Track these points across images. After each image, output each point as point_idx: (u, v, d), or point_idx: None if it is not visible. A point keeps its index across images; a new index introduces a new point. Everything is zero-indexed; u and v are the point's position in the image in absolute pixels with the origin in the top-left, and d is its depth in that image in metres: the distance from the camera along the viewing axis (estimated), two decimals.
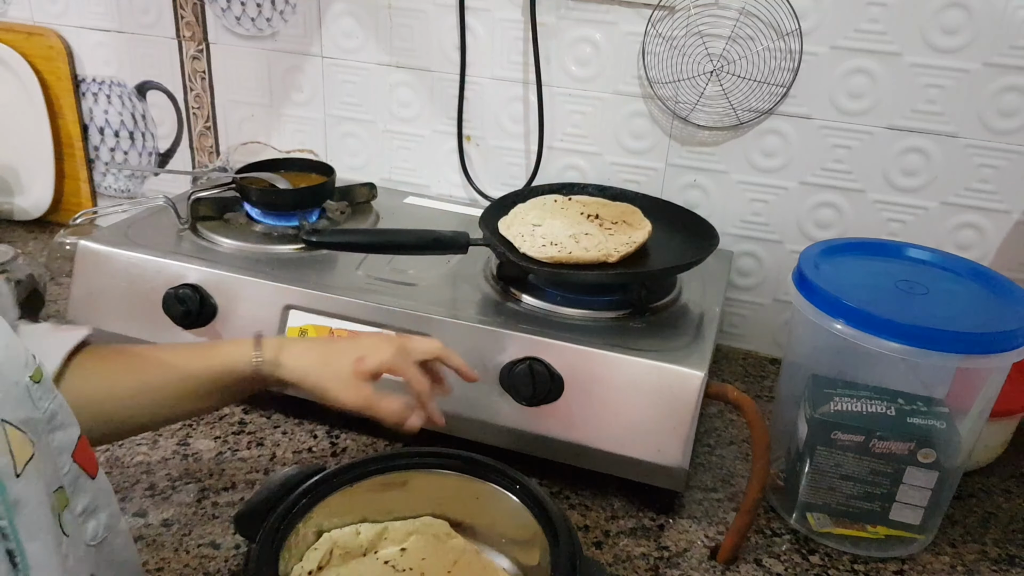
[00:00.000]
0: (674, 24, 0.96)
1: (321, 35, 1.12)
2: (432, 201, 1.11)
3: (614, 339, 0.76)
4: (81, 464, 0.46)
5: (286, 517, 0.59)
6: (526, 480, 0.64)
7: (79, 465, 0.46)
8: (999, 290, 0.75)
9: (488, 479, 0.65)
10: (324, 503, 0.62)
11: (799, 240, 1.02)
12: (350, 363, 0.64)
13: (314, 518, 0.62)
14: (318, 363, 0.65)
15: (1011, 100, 0.89)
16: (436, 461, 0.66)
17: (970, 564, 0.74)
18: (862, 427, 0.70)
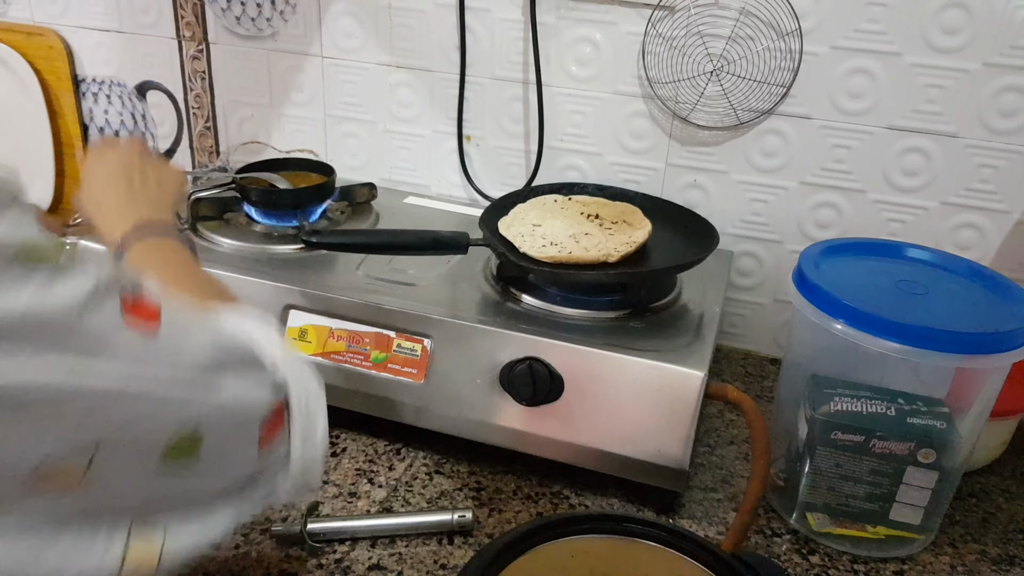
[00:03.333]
0: (674, 24, 0.96)
1: (321, 35, 1.12)
2: (432, 201, 1.11)
3: (614, 339, 0.76)
4: None
5: None
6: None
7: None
8: (999, 290, 0.75)
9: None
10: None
11: (799, 240, 1.02)
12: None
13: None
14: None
15: (1011, 100, 0.89)
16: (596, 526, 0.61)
17: (970, 564, 0.74)
18: (862, 427, 0.70)
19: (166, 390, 0.39)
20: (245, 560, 0.69)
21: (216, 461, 0.43)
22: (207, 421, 0.41)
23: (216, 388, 0.42)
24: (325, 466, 0.53)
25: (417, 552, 0.71)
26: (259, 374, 0.47)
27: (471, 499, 0.78)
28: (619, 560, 0.60)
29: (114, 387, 0.36)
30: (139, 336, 0.38)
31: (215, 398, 0.42)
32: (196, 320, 0.44)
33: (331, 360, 0.81)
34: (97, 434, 0.36)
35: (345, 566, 0.69)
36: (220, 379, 0.42)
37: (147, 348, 0.38)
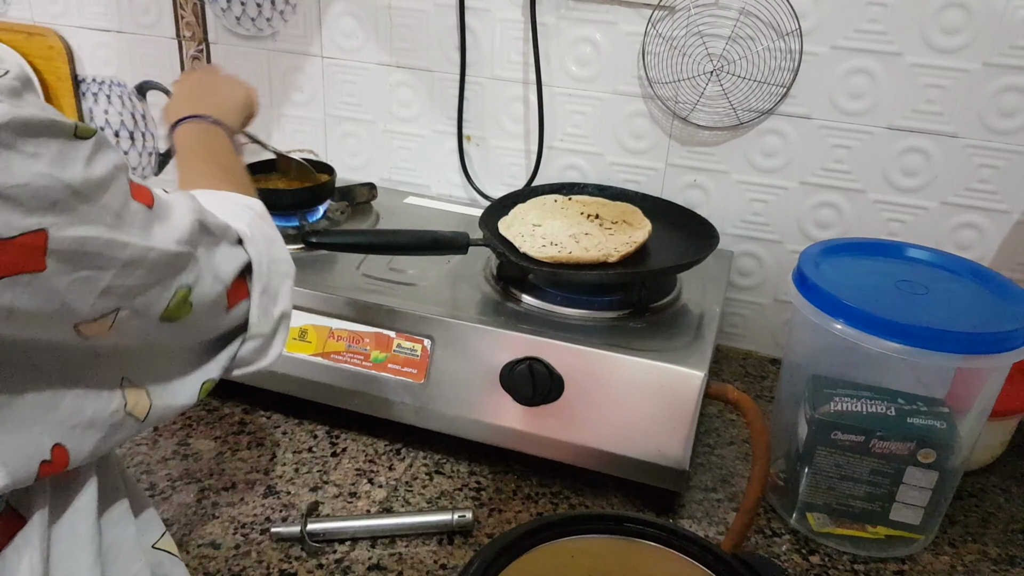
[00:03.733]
0: (674, 24, 0.96)
1: (321, 35, 1.12)
2: (432, 201, 1.11)
3: (614, 339, 0.76)
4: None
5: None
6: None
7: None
8: (999, 290, 0.75)
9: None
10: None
11: (799, 240, 1.02)
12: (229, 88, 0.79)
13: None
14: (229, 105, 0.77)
15: (1011, 100, 0.89)
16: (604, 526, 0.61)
17: (970, 564, 0.74)
18: (862, 427, 0.70)
19: (169, 260, 0.44)
20: (245, 560, 0.69)
21: (195, 323, 0.49)
22: (196, 287, 0.47)
23: (201, 257, 0.48)
24: (285, 338, 0.57)
25: (417, 552, 0.71)
26: (231, 246, 0.52)
27: (471, 499, 0.78)
28: (619, 560, 0.60)
29: (134, 256, 0.42)
30: (143, 209, 0.43)
31: (200, 267, 0.48)
32: (181, 199, 0.49)
33: (331, 360, 0.81)
34: (122, 299, 0.42)
35: (345, 566, 0.69)
36: (204, 249, 0.48)
37: (150, 221, 0.43)
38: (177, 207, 0.47)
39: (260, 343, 0.55)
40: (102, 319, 0.42)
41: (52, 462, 0.42)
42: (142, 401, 0.48)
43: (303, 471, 0.80)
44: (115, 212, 0.41)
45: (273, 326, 0.56)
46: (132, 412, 0.47)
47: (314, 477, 0.79)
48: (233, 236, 0.53)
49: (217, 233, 0.50)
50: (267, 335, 0.55)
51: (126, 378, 0.47)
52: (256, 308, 0.54)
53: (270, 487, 0.78)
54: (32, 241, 0.36)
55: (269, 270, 0.55)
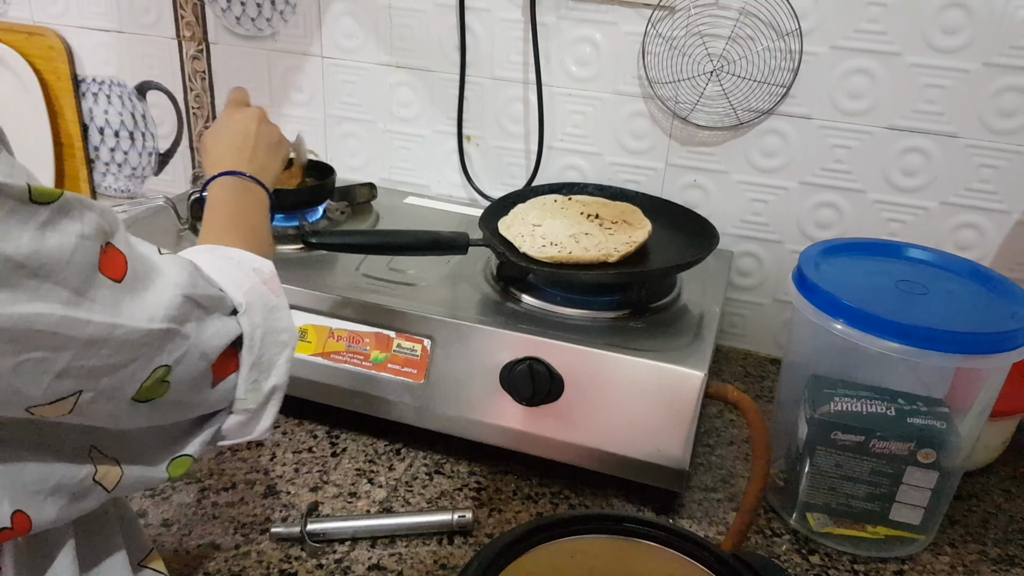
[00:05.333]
0: (674, 24, 0.96)
1: (321, 35, 1.12)
2: (432, 201, 1.11)
3: (614, 339, 0.76)
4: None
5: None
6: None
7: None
8: (999, 290, 0.75)
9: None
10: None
11: (799, 240, 1.02)
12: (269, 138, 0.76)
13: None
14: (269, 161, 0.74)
15: (1011, 100, 0.89)
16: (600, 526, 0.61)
17: (970, 564, 0.74)
18: (862, 427, 0.70)
19: (140, 338, 0.41)
20: (245, 560, 0.69)
21: (173, 402, 0.46)
22: (177, 366, 0.44)
23: (184, 334, 0.44)
24: (275, 412, 0.54)
25: (417, 552, 0.71)
26: (222, 317, 0.48)
27: (471, 499, 0.78)
28: (619, 560, 0.60)
29: (97, 335, 0.39)
30: (111, 283, 0.40)
31: (183, 344, 0.44)
32: (171, 268, 0.45)
33: (331, 360, 0.81)
34: (84, 382, 0.39)
35: (345, 566, 0.69)
36: (191, 324, 0.45)
37: (120, 296, 0.40)
38: (161, 279, 0.44)
39: (246, 418, 0.52)
40: (59, 402, 0.39)
41: (12, 528, 0.40)
42: (112, 472, 0.45)
43: (303, 471, 0.80)
44: (74, 288, 0.37)
45: (262, 400, 0.52)
46: (100, 481, 0.45)
47: (314, 477, 0.79)
48: (227, 307, 0.49)
49: (208, 306, 0.47)
50: (254, 410, 0.52)
51: (95, 447, 0.45)
52: (244, 382, 0.50)
53: (270, 487, 0.78)
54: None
55: (263, 342, 0.51)
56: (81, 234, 0.38)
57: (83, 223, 0.38)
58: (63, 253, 0.37)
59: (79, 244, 0.38)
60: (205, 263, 0.50)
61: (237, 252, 0.56)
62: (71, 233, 0.37)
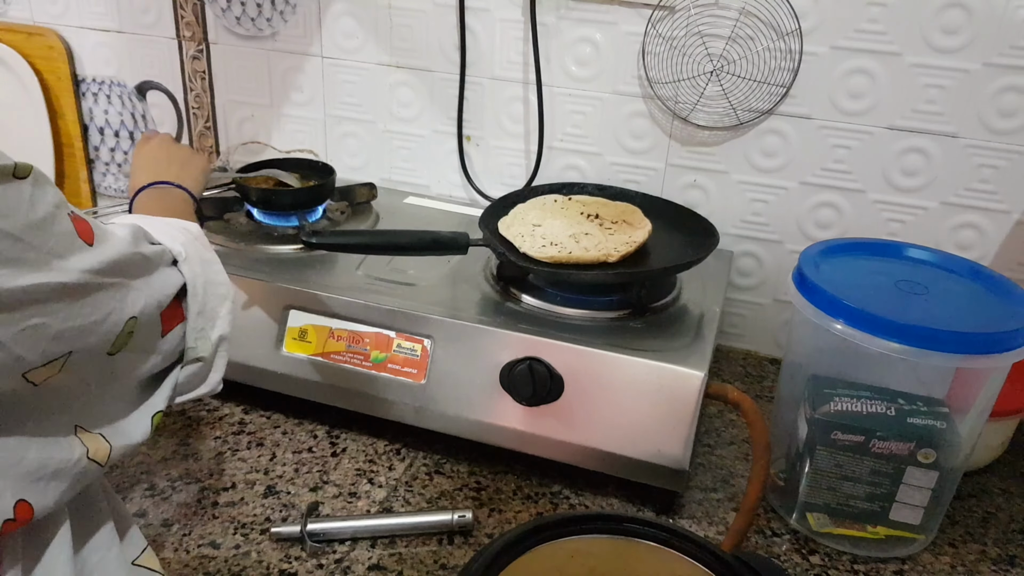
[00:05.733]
0: (674, 24, 0.96)
1: (321, 35, 1.12)
2: (432, 201, 1.11)
3: (614, 339, 0.76)
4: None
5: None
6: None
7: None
8: (999, 290, 0.75)
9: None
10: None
11: (799, 240, 1.02)
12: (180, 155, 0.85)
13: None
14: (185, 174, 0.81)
15: (1011, 100, 0.89)
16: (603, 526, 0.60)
17: (970, 564, 0.74)
18: (862, 427, 0.70)
19: (116, 294, 0.44)
20: (245, 560, 0.69)
21: (134, 353, 0.48)
22: (141, 316, 0.46)
23: (142, 286, 0.47)
24: (224, 364, 0.56)
25: (417, 552, 0.71)
26: (167, 267, 0.51)
27: (471, 499, 0.78)
28: (619, 560, 0.60)
29: (85, 296, 0.41)
30: (86, 246, 0.42)
31: (143, 294, 0.47)
32: (120, 230, 0.48)
33: (331, 360, 0.81)
34: (74, 343, 0.41)
35: (345, 566, 0.69)
36: (145, 277, 0.48)
37: (94, 256, 0.42)
38: (117, 238, 0.46)
39: (198, 368, 0.54)
40: (52, 363, 0.41)
41: (15, 519, 0.41)
42: (102, 446, 0.47)
43: (303, 471, 0.80)
44: (60, 254, 0.39)
45: (212, 350, 0.55)
46: (94, 458, 0.46)
47: (314, 477, 0.79)
48: (168, 258, 0.52)
49: (154, 258, 0.49)
50: (206, 360, 0.54)
51: (79, 426, 0.46)
52: (192, 331, 0.53)
53: (270, 487, 0.78)
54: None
55: (205, 291, 0.54)
56: (56, 203, 0.40)
57: (52, 194, 0.40)
58: (47, 222, 0.39)
59: (56, 214, 0.40)
60: (141, 220, 0.54)
61: (163, 218, 0.60)
62: (49, 204, 0.39)
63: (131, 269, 0.46)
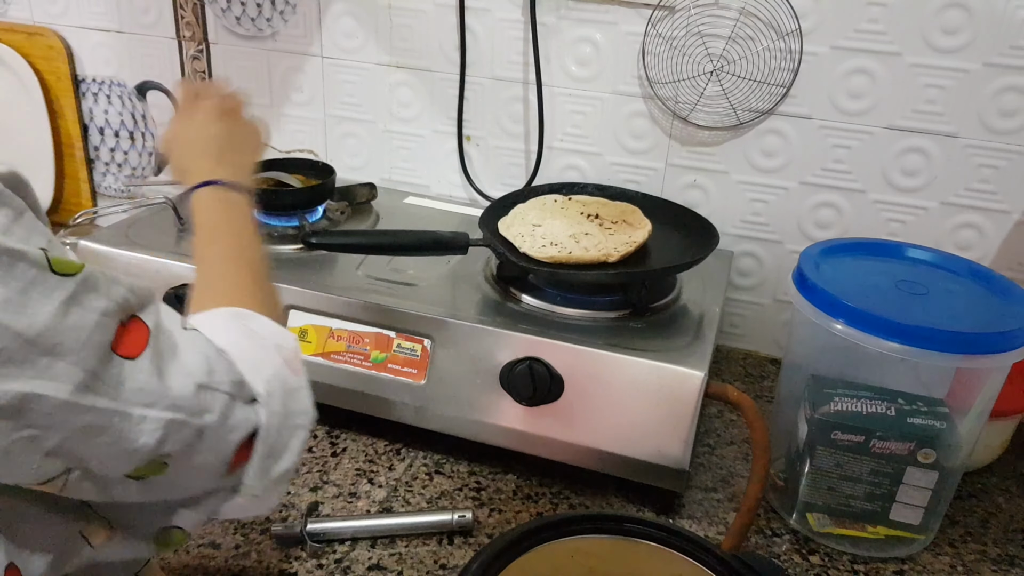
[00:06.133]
0: (674, 24, 0.96)
1: (321, 35, 1.12)
2: (432, 201, 1.11)
3: (614, 339, 0.76)
4: None
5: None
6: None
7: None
8: (999, 290, 0.75)
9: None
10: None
11: (799, 240, 1.02)
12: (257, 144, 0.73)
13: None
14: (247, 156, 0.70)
15: (1011, 100, 0.89)
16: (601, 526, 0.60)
17: (970, 564, 0.74)
18: (862, 427, 0.70)
19: (141, 426, 0.39)
20: (245, 560, 0.69)
21: (171, 483, 0.43)
22: (176, 451, 0.41)
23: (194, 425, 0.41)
24: (282, 493, 0.50)
25: (417, 552, 0.71)
26: (241, 407, 0.45)
27: (471, 499, 0.78)
28: (619, 560, 0.60)
29: (97, 422, 0.37)
30: (124, 363, 0.37)
31: (191, 435, 0.41)
32: (184, 343, 0.43)
33: (331, 360, 0.81)
34: (73, 461, 0.37)
35: (345, 566, 0.69)
36: (202, 416, 0.42)
37: (131, 377, 0.38)
38: (177, 363, 0.41)
39: (250, 501, 0.48)
40: (49, 483, 0.37)
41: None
42: (102, 532, 0.43)
43: (303, 471, 0.80)
44: (86, 368, 0.35)
45: (269, 486, 0.48)
46: (87, 536, 0.43)
47: (314, 477, 0.79)
48: (247, 395, 0.45)
49: (224, 395, 0.43)
50: (260, 495, 0.48)
51: (88, 504, 0.43)
52: (254, 470, 0.46)
53: None
54: None
55: (280, 430, 0.47)
56: (104, 311, 0.36)
57: (109, 298, 0.36)
58: (81, 332, 0.35)
59: (100, 321, 0.36)
60: (228, 345, 0.46)
61: (260, 322, 0.51)
62: (94, 310, 0.35)
63: (187, 404, 0.40)
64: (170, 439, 0.40)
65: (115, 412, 0.37)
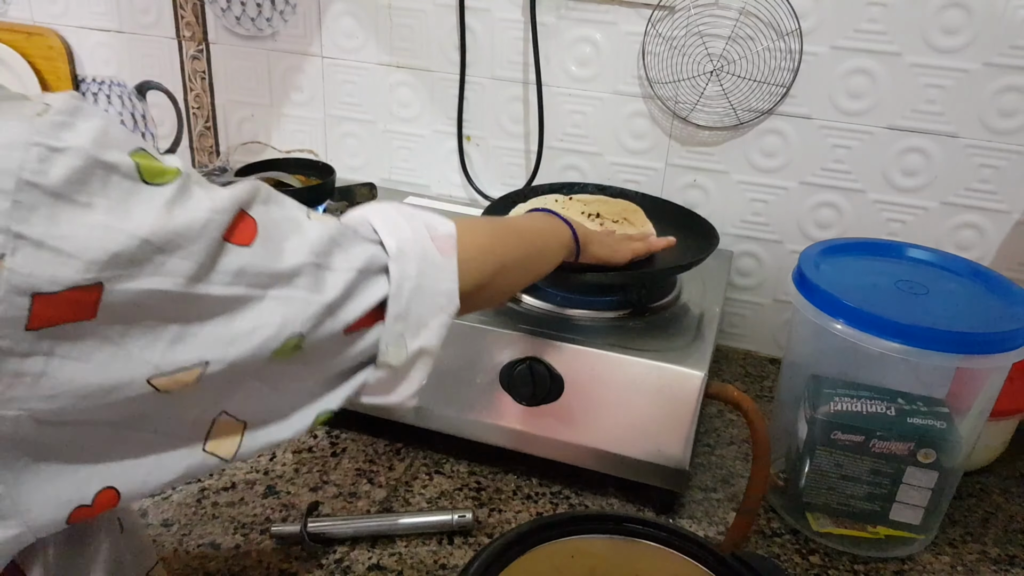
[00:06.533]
0: (674, 24, 0.96)
1: (321, 35, 1.12)
2: (432, 201, 1.11)
3: (614, 339, 0.76)
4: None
5: None
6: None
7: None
8: (999, 290, 0.75)
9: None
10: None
11: (799, 240, 1.02)
12: (627, 252, 0.78)
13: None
14: (607, 254, 0.75)
15: (1011, 100, 0.89)
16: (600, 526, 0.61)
17: (970, 564, 0.74)
18: (862, 427, 0.70)
19: (265, 305, 0.40)
20: (245, 560, 0.69)
21: (309, 359, 0.44)
22: (310, 333, 0.42)
23: (319, 296, 0.42)
24: (421, 379, 0.50)
25: (417, 552, 0.71)
26: (374, 275, 0.46)
27: (471, 499, 0.78)
28: (619, 560, 0.60)
29: (216, 308, 0.38)
30: (238, 251, 0.39)
31: (316, 308, 0.42)
32: (303, 227, 0.43)
33: None
34: (205, 352, 0.38)
35: (345, 566, 0.69)
36: (317, 283, 0.42)
37: (248, 263, 0.39)
38: (297, 246, 0.41)
39: (388, 375, 0.48)
40: (183, 372, 0.37)
41: (92, 506, 0.38)
42: (232, 439, 0.43)
43: (303, 471, 0.80)
44: (199, 260, 0.36)
45: (405, 360, 0.48)
46: (215, 452, 0.42)
47: (314, 477, 0.79)
48: (379, 264, 0.46)
49: (351, 265, 0.44)
50: (396, 369, 0.48)
51: (225, 412, 0.42)
52: (387, 334, 0.46)
53: (270, 487, 0.78)
54: (82, 297, 0.33)
55: (412, 295, 0.47)
56: (211, 208, 0.37)
57: (211, 195, 0.38)
58: (190, 228, 0.36)
59: (207, 217, 0.37)
60: (376, 211, 0.48)
61: (424, 212, 0.52)
62: (200, 208, 0.37)
63: (307, 280, 0.41)
64: (295, 319, 0.41)
65: (233, 298, 0.38)
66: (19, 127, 0.32)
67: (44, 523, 0.37)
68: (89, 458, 0.38)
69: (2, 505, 0.35)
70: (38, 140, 0.32)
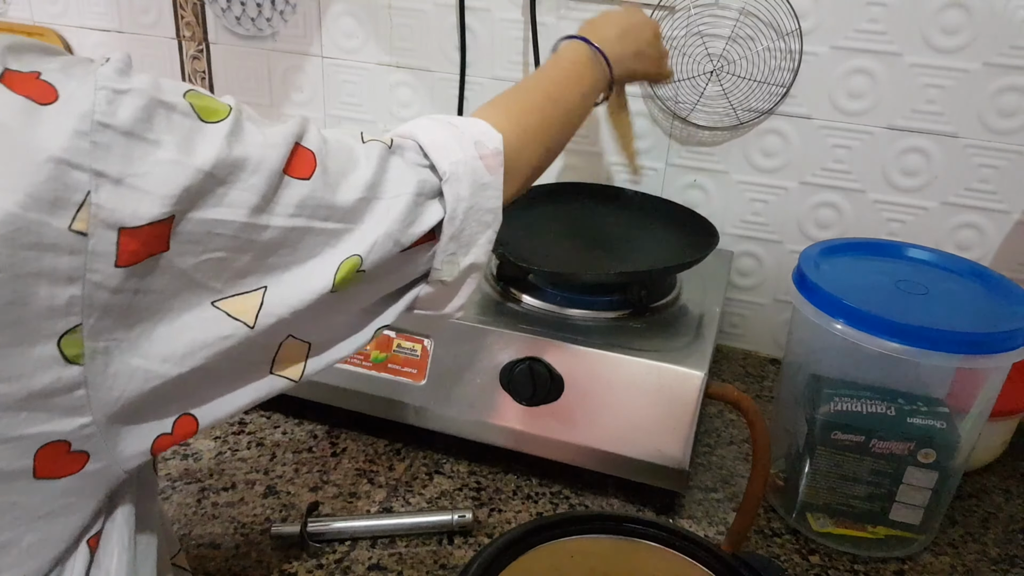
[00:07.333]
0: (674, 24, 0.96)
1: (321, 35, 1.12)
2: None
3: (614, 339, 0.76)
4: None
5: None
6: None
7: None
8: (999, 290, 0.75)
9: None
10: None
11: (799, 240, 1.02)
12: (656, 52, 0.80)
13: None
14: (638, 65, 0.77)
15: (1011, 100, 0.89)
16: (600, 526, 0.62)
17: (970, 564, 0.74)
18: (862, 427, 0.70)
19: (328, 235, 0.42)
20: (245, 560, 0.69)
21: (368, 285, 0.46)
22: (369, 255, 0.44)
23: (375, 225, 0.44)
24: (470, 292, 0.54)
25: (417, 552, 0.71)
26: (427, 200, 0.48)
27: (471, 499, 0.78)
28: (619, 560, 0.60)
29: (277, 238, 0.40)
30: (300, 183, 0.41)
31: (376, 234, 0.44)
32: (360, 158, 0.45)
33: None
34: (262, 277, 0.40)
35: (345, 566, 0.69)
36: (383, 214, 0.45)
37: (309, 194, 0.41)
38: (355, 177, 0.44)
39: (440, 290, 0.51)
40: (246, 295, 0.40)
41: (172, 434, 0.40)
42: (299, 361, 0.45)
43: (303, 471, 0.80)
44: (260, 192, 0.39)
45: (457, 275, 0.51)
46: (284, 375, 0.45)
47: (314, 477, 0.79)
48: (432, 188, 0.48)
49: (406, 191, 0.46)
50: (449, 284, 0.51)
51: (292, 335, 0.44)
52: (441, 253, 0.49)
53: (270, 487, 0.78)
54: (159, 230, 0.36)
55: (466, 217, 0.49)
56: (264, 143, 0.39)
57: (265, 134, 0.40)
58: (249, 161, 0.38)
59: (263, 152, 0.39)
60: (424, 130, 0.50)
61: (472, 122, 0.54)
62: (255, 143, 0.39)
63: (362, 207, 0.44)
64: (356, 247, 0.43)
65: (293, 229, 0.40)
66: (88, 75, 0.35)
67: (131, 454, 0.39)
68: (178, 393, 0.40)
69: (91, 441, 0.37)
70: (104, 84, 0.34)
